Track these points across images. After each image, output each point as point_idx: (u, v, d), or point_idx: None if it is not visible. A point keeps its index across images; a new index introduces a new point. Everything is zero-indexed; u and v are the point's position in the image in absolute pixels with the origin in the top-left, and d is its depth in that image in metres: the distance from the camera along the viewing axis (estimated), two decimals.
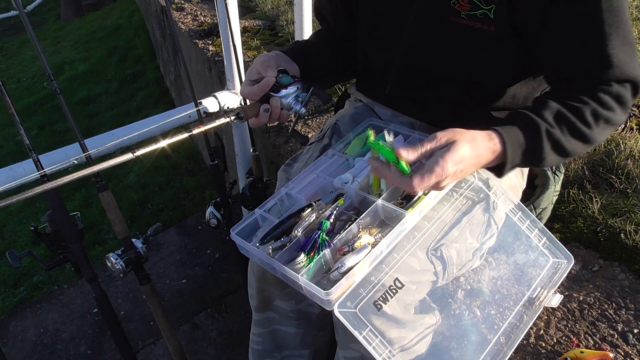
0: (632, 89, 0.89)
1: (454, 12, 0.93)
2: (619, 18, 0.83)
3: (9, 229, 3.98)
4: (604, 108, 0.87)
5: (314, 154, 1.17)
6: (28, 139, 1.19)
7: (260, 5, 3.47)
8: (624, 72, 0.86)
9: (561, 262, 1.02)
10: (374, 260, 0.84)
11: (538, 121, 0.85)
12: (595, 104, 0.86)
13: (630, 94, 0.89)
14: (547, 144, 0.86)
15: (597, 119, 0.87)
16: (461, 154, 0.79)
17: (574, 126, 0.86)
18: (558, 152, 0.87)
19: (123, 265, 1.37)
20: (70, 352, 2.36)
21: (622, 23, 0.83)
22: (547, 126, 0.85)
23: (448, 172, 0.78)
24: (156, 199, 3.93)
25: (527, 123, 0.86)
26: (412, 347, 0.87)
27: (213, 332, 2.34)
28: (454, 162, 0.78)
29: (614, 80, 0.87)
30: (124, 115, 5.46)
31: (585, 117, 0.86)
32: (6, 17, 9.86)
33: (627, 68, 0.86)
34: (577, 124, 0.86)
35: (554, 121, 0.86)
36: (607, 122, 0.88)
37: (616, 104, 0.87)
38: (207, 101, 1.89)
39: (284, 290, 1.09)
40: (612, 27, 0.83)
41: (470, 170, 0.83)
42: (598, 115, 0.86)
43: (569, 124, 0.86)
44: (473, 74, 1.00)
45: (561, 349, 1.08)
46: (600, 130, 0.88)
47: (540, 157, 0.87)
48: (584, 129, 0.86)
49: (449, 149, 0.79)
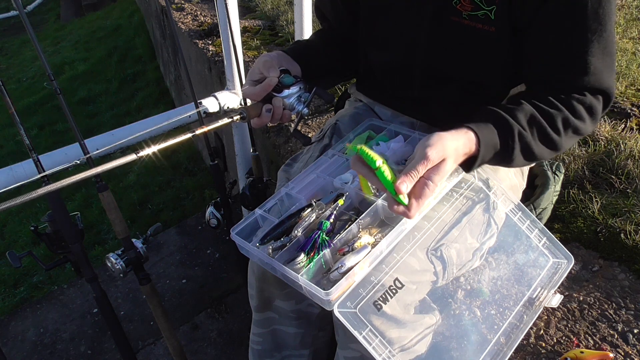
0: (604, 101, 0.90)
1: (455, 12, 0.93)
2: (602, 27, 0.83)
3: (9, 229, 3.98)
4: (575, 117, 0.88)
5: (314, 154, 1.17)
6: (28, 139, 1.19)
7: (260, 5, 3.47)
8: (598, 81, 0.87)
9: (561, 262, 1.02)
10: (373, 260, 0.84)
11: (512, 123, 0.86)
12: (567, 111, 0.88)
13: (601, 106, 0.90)
14: (518, 147, 0.87)
15: (566, 127, 0.88)
16: (447, 170, 0.79)
17: (545, 131, 0.87)
18: (526, 155, 0.88)
19: (123, 265, 1.37)
20: (70, 352, 2.36)
21: (605, 32, 0.84)
22: (520, 129, 0.86)
23: (435, 187, 0.78)
24: (156, 199, 3.93)
25: (503, 124, 0.86)
26: (412, 347, 0.87)
27: (213, 332, 2.34)
28: (440, 179, 0.79)
29: (588, 88, 0.88)
30: (124, 115, 5.46)
31: (556, 123, 0.87)
32: (6, 17, 9.86)
33: (602, 78, 0.87)
34: (548, 130, 0.87)
35: (527, 125, 0.87)
36: (575, 132, 0.90)
37: (587, 115, 0.89)
38: (207, 101, 1.89)
39: (284, 290, 1.09)
40: (595, 35, 0.84)
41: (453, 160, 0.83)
42: (568, 123, 0.88)
43: (540, 129, 0.87)
44: (473, 74, 1.01)
45: (561, 349, 1.08)
46: (567, 139, 0.90)
47: (510, 158, 0.88)
48: (553, 135, 0.88)
49: (437, 170, 0.78)
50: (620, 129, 1.71)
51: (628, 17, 2.64)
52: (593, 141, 1.67)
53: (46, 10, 10.49)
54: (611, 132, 1.69)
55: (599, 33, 0.84)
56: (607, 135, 1.67)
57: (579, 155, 1.61)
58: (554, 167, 1.25)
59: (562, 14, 0.84)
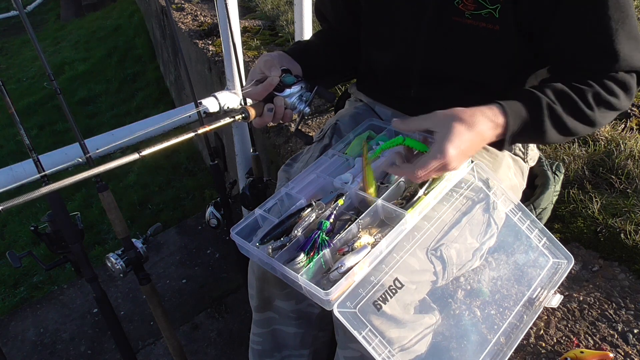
0: (638, 77, 0.92)
1: (457, 11, 0.93)
2: (624, 13, 0.85)
3: (9, 229, 3.98)
4: (607, 93, 0.89)
5: (314, 154, 1.17)
6: (28, 139, 1.19)
7: (260, 5, 3.47)
8: (629, 64, 0.89)
9: (561, 263, 1.02)
10: (373, 260, 0.84)
11: (540, 95, 0.87)
12: (598, 87, 0.88)
13: (635, 82, 0.91)
14: (548, 118, 0.87)
15: (598, 102, 0.89)
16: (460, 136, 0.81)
17: (576, 105, 0.88)
18: (559, 128, 0.88)
19: (123, 265, 1.37)
20: (70, 352, 2.36)
21: (627, 18, 0.86)
22: (548, 101, 0.87)
23: (450, 155, 0.80)
24: (156, 199, 3.94)
25: (529, 97, 0.87)
26: (411, 346, 0.87)
27: (213, 332, 2.34)
28: (454, 146, 0.80)
29: (621, 71, 0.90)
30: (124, 115, 5.46)
31: (587, 98, 0.88)
32: (6, 17, 9.86)
33: (632, 60, 0.89)
34: (579, 104, 0.88)
35: (556, 98, 0.88)
36: (609, 107, 0.90)
37: (620, 90, 0.90)
38: (207, 101, 1.89)
39: (284, 290, 1.09)
40: (618, 23, 0.85)
41: (476, 147, 0.85)
42: (600, 98, 0.88)
43: (571, 103, 0.88)
44: (476, 73, 1.01)
45: (561, 349, 1.08)
46: (601, 114, 0.90)
47: (541, 130, 0.87)
48: (585, 109, 0.88)
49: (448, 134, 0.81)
50: (620, 129, 1.71)
51: None
52: (593, 141, 1.67)
53: (46, 10, 10.49)
54: (611, 132, 1.69)
55: (622, 20, 0.85)
56: (607, 135, 1.67)
57: (579, 155, 1.61)
58: (554, 167, 1.25)
59: (584, 9, 0.86)
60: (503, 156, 1.09)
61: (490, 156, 1.08)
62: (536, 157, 1.21)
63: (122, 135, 1.69)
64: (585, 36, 0.88)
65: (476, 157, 1.04)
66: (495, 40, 0.93)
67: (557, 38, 0.91)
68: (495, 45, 0.95)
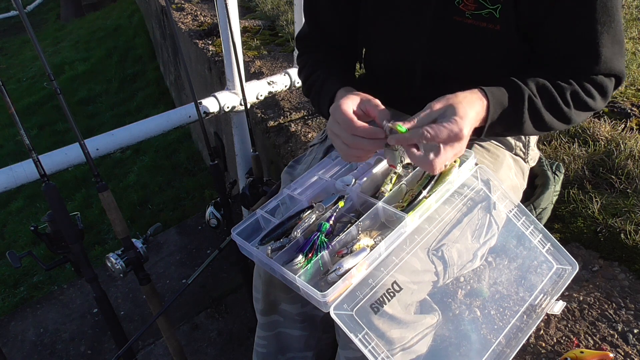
0: (616, 81, 0.96)
1: (458, 11, 0.94)
2: (611, 18, 0.88)
3: (9, 229, 3.98)
4: (585, 94, 0.92)
5: (318, 155, 1.17)
6: (28, 139, 1.19)
7: (260, 5, 3.47)
8: (609, 67, 0.92)
9: (565, 269, 1.01)
10: (372, 262, 0.84)
11: (523, 87, 0.90)
12: (577, 87, 0.92)
13: (612, 86, 0.95)
14: (527, 110, 0.89)
15: (575, 101, 0.92)
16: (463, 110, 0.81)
17: (554, 101, 0.91)
18: (536, 121, 0.91)
19: (123, 265, 1.37)
20: (70, 352, 2.36)
21: (614, 22, 0.88)
22: (530, 94, 0.89)
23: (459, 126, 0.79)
24: (156, 199, 3.94)
25: (512, 86, 0.90)
26: (412, 346, 0.87)
27: (213, 332, 2.34)
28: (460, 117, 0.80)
29: (600, 73, 0.93)
30: (124, 115, 5.46)
31: (565, 95, 0.91)
32: (6, 17, 9.87)
33: (612, 64, 0.92)
34: (558, 100, 0.91)
35: (537, 91, 0.90)
36: (585, 107, 0.93)
37: (597, 93, 0.93)
38: (207, 101, 1.89)
39: (289, 294, 1.09)
40: (604, 26, 0.88)
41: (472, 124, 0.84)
42: (578, 97, 0.92)
43: (550, 98, 0.91)
44: (476, 73, 1.01)
45: (561, 349, 1.08)
46: (577, 112, 0.93)
47: (520, 121, 0.90)
48: (563, 106, 0.91)
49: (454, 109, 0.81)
50: (620, 129, 1.71)
51: (628, 17, 2.64)
52: (593, 141, 1.67)
53: (46, 10, 10.50)
54: (611, 132, 1.69)
55: (609, 24, 0.88)
56: (607, 135, 1.67)
57: (579, 155, 1.61)
58: (554, 167, 1.25)
59: (575, 10, 0.88)
60: (504, 157, 1.09)
61: (491, 157, 1.08)
62: (536, 157, 1.21)
63: (122, 135, 1.69)
64: (571, 36, 0.91)
65: (477, 157, 1.03)
66: (496, 40, 0.94)
67: (548, 37, 0.93)
68: (496, 44, 0.95)
